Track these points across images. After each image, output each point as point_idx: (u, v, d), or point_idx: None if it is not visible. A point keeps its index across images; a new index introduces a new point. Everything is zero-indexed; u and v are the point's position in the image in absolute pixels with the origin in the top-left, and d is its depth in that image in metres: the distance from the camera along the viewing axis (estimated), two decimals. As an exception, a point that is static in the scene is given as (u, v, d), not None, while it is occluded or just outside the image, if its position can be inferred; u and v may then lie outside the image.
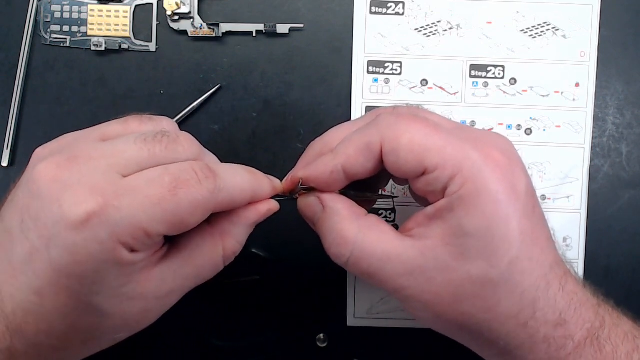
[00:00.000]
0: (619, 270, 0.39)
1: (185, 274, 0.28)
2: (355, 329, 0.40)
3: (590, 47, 0.39)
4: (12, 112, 0.39)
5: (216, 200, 0.27)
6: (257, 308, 0.39)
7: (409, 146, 0.27)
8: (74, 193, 0.24)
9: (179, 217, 0.26)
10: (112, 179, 0.25)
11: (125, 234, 0.24)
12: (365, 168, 0.29)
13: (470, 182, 0.26)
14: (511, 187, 0.27)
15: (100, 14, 0.39)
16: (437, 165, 0.27)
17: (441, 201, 0.27)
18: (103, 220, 0.24)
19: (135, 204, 0.25)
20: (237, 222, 0.29)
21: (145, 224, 0.25)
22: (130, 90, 0.39)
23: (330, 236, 0.29)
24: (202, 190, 0.26)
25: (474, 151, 0.27)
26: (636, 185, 0.39)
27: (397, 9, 0.39)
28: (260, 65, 0.39)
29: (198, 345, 0.39)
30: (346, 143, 0.29)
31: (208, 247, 0.29)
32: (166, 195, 0.25)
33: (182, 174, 0.26)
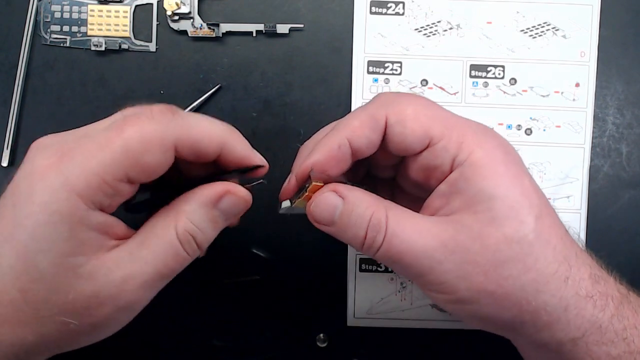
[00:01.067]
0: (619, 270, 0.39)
1: (140, 257, 0.26)
2: (355, 329, 0.40)
3: (590, 47, 0.39)
4: (12, 112, 0.39)
5: (174, 133, 0.26)
6: (257, 308, 0.39)
7: (414, 116, 0.27)
8: (44, 151, 0.26)
9: (132, 156, 0.25)
10: (80, 138, 0.26)
11: (78, 182, 0.24)
12: (370, 141, 0.28)
13: (478, 147, 0.27)
14: (510, 153, 0.28)
15: (100, 14, 0.39)
16: (443, 134, 0.27)
17: (452, 174, 0.27)
18: (57, 170, 0.25)
19: (86, 151, 0.25)
20: (190, 198, 0.28)
21: (96, 168, 0.24)
22: (130, 90, 0.39)
23: (362, 222, 0.28)
24: (153, 124, 0.25)
25: (472, 123, 0.28)
26: (636, 185, 0.39)
27: (397, 9, 0.39)
28: (260, 65, 0.39)
29: (198, 345, 0.39)
30: (349, 117, 0.29)
31: (160, 225, 0.27)
32: (114, 136, 0.25)
33: (133, 115, 0.26)
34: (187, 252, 0.27)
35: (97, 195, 0.25)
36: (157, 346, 0.40)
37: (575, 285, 0.27)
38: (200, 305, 0.39)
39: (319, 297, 0.39)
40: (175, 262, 0.27)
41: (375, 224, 0.27)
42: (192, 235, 0.27)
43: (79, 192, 0.24)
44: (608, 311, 0.27)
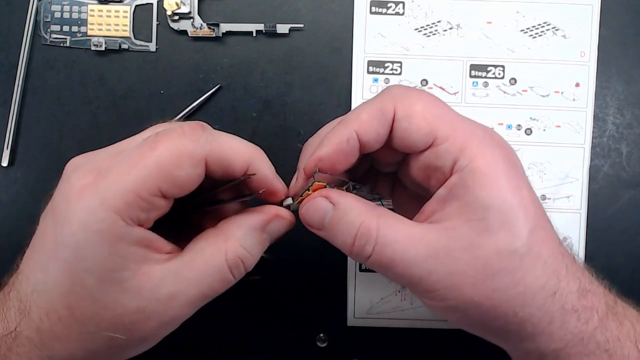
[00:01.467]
0: (619, 270, 0.39)
1: (187, 277, 0.27)
2: (355, 329, 0.40)
3: (590, 47, 0.39)
4: (12, 112, 0.39)
5: (204, 149, 0.26)
6: (257, 308, 0.39)
7: (422, 113, 0.27)
8: (79, 171, 0.26)
9: (165, 171, 0.25)
10: (113, 157, 0.26)
11: (115, 199, 0.25)
12: (378, 134, 0.28)
13: (481, 156, 0.27)
14: (513, 163, 0.28)
15: (100, 14, 0.39)
16: (448, 136, 0.27)
17: (452, 178, 0.27)
18: (93, 189, 0.25)
19: (120, 169, 0.25)
20: (241, 223, 0.28)
21: (131, 184, 0.25)
22: (130, 90, 0.39)
23: (351, 231, 0.28)
24: (184, 139, 0.26)
25: (479, 129, 0.28)
26: (636, 185, 0.39)
27: (397, 9, 0.39)
28: (260, 65, 0.39)
29: (198, 345, 0.39)
30: (358, 110, 0.29)
31: (210, 249, 0.28)
32: (146, 151, 0.25)
33: (165, 132, 0.26)
34: (234, 276, 0.28)
35: (134, 211, 0.25)
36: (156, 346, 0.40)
37: (561, 299, 0.27)
38: (200, 305, 0.39)
39: (319, 297, 0.39)
40: (221, 286, 0.28)
41: (364, 233, 0.27)
42: (242, 260, 0.28)
43: (116, 210, 0.25)
44: (592, 324, 0.27)
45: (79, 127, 0.39)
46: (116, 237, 0.25)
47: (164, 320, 0.27)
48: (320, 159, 0.28)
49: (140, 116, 0.39)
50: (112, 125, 0.39)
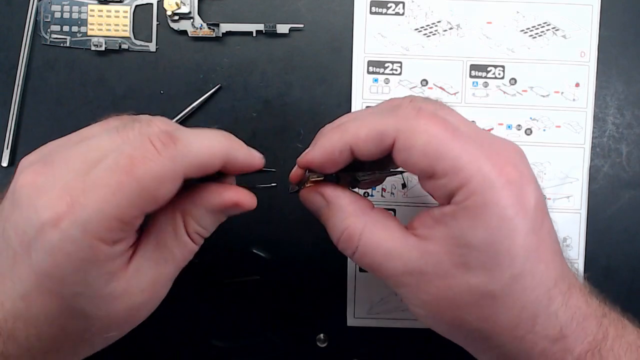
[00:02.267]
0: (619, 270, 0.39)
1: (158, 259, 0.27)
2: (355, 329, 0.40)
3: (590, 47, 0.39)
4: (12, 112, 0.39)
5: (183, 166, 0.26)
6: (257, 308, 0.39)
7: (423, 148, 0.26)
8: (47, 196, 0.24)
9: (146, 195, 0.25)
10: (81, 176, 0.25)
11: (98, 229, 0.24)
12: (371, 153, 0.28)
13: (478, 194, 0.26)
14: (520, 203, 0.26)
15: (100, 14, 0.39)
16: (447, 173, 0.26)
17: (447, 207, 0.27)
18: (72, 220, 0.24)
19: (98, 196, 0.24)
20: (199, 203, 0.28)
21: (114, 212, 0.24)
22: (130, 90, 0.39)
23: (337, 232, 0.29)
24: (162, 160, 0.25)
25: (487, 163, 0.26)
26: (636, 185, 0.39)
27: (397, 9, 0.39)
28: (260, 65, 0.39)
29: (198, 345, 0.39)
30: (359, 124, 0.28)
31: (170, 226, 0.28)
32: (124, 178, 0.24)
33: (137, 151, 0.25)
34: (196, 244, 0.29)
35: (117, 235, 0.25)
36: (157, 346, 0.40)
37: (531, 343, 0.27)
38: (200, 305, 0.39)
39: (319, 297, 0.39)
40: (189, 255, 0.29)
41: (347, 239, 0.28)
42: (200, 234, 0.29)
43: (99, 237, 0.24)
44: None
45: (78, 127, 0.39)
46: (102, 259, 0.25)
47: (150, 304, 0.28)
48: (310, 162, 0.29)
49: (140, 116, 0.39)
50: (112, 125, 0.39)
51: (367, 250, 0.28)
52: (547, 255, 0.27)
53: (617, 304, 0.30)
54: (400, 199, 0.39)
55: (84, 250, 0.24)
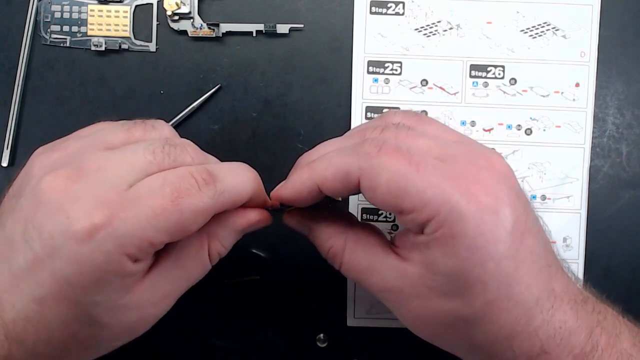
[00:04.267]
0: (619, 270, 0.39)
1: (175, 277, 0.28)
2: (355, 329, 0.40)
3: (590, 47, 0.39)
4: (12, 112, 0.39)
5: (217, 204, 0.27)
6: (257, 308, 0.39)
7: (387, 186, 0.26)
8: (82, 205, 0.24)
9: (182, 225, 0.26)
10: (119, 191, 0.25)
11: (130, 245, 0.25)
12: (339, 192, 0.29)
13: (446, 226, 0.25)
14: (491, 231, 0.26)
15: (100, 14, 0.39)
16: (414, 208, 0.26)
17: (419, 237, 0.27)
18: (109, 232, 0.24)
19: (139, 215, 0.25)
20: (226, 225, 0.29)
21: (149, 234, 0.25)
22: (130, 90, 0.39)
23: (323, 251, 0.31)
24: (203, 197, 0.26)
25: (454, 194, 0.26)
26: (636, 185, 0.39)
27: (397, 9, 0.39)
28: (260, 65, 0.39)
29: (198, 345, 0.39)
30: (325, 163, 0.28)
31: (194, 248, 0.29)
32: (168, 205, 0.25)
33: (182, 183, 0.26)
34: (213, 264, 0.30)
35: (141, 255, 0.26)
36: (156, 346, 0.40)
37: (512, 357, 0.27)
38: (200, 305, 0.39)
39: (319, 297, 0.39)
40: (204, 273, 0.30)
41: (332, 257, 0.30)
42: (220, 254, 0.30)
43: (129, 254, 0.25)
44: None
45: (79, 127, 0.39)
46: (126, 274, 0.26)
47: (157, 316, 0.29)
48: (281, 198, 0.30)
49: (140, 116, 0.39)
50: (112, 125, 0.39)
51: (349, 267, 0.30)
52: (527, 277, 0.27)
53: (617, 304, 0.30)
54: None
55: (112, 264, 0.25)
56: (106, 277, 0.25)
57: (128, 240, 0.25)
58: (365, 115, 0.39)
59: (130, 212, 0.25)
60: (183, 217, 0.26)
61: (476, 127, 0.39)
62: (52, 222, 0.25)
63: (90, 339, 0.27)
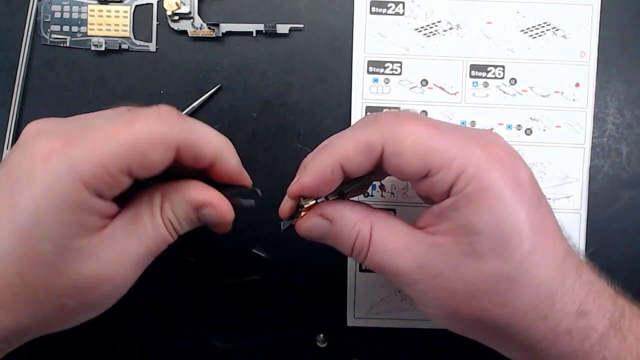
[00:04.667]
0: (619, 270, 0.39)
1: (133, 232, 0.27)
2: (355, 329, 0.40)
3: (590, 47, 0.39)
4: (12, 112, 0.39)
5: (179, 135, 0.26)
6: (257, 308, 0.39)
7: (412, 148, 0.26)
8: (45, 135, 0.26)
9: (138, 150, 0.25)
10: (84, 126, 0.26)
11: (84, 169, 0.25)
12: (362, 167, 0.28)
13: (476, 180, 0.26)
14: (516, 181, 0.27)
15: (100, 14, 0.39)
16: (442, 166, 0.26)
17: (446, 201, 0.27)
18: (62, 155, 0.25)
19: (93, 139, 0.25)
20: (179, 190, 0.28)
21: (103, 158, 0.25)
22: (130, 90, 0.39)
23: (349, 242, 0.29)
24: (161, 123, 0.26)
25: (476, 149, 0.27)
26: (636, 185, 0.39)
27: (397, 9, 0.39)
28: (260, 65, 0.39)
29: (198, 345, 0.39)
30: (345, 139, 0.28)
31: (148, 203, 0.28)
32: (122, 128, 0.25)
33: (141, 112, 0.26)
34: (171, 235, 0.29)
35: (99, 185, 0.25)
36: (157, 346, 0.40)
37: (554, 322, 0.27)
38: (200, 305, 0.39)
39: (319, 297, 0.39)
40: (162, 242, 0.28)
41: (360, 244, 0.28)
42: (172, 223, 0.28)
43: (83, 180, 0.25)
44: (588, 343, 0.27)
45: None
46: (79, 206, 0.25)
47: (116, 282, 0.27)
48: (304, 188, 0.29)
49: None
50: (112, 125, 0.39)
51: (377, 249, 0.28)
52: (552, 231, 0.28)
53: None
54: (400, 199, 0.39)
55: (65, 188, 0.25)
56: (58, 203, 0.25)
57: (80, 164, 0.25)
58: (365, 115, 0.39)
59: (86, 138, 0.25)
60: (138, 139, 0.25)
61: (476, 127, 0.39)
62: (19, 153, 0.26)
63: (41, 286, 0.26)
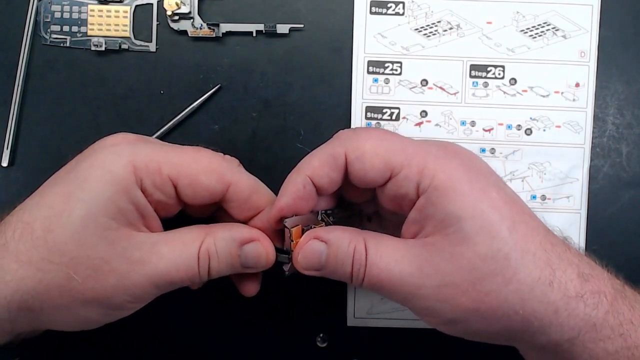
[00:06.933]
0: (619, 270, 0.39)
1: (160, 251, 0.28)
2: (355, 329, 0.40)
3: (590, 47, 0.39)
4: (12, 112, 0.39)
5: (231, 175, 0.29)
6: (257, 308, 0.39)
7: (372, 150, 0.28)
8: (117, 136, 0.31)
9: (194, 169, 0.29)
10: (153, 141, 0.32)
11: (141, 162, 0.27)
12: (330, 179, 0.29)
13: (439, 171, 0.27)
14: (476, 168, 0.28)
15: (100, 14, 0.39)
16: (403, 164, 0.28)
17: (419, 201, 0.28)
18: (128, 145, 0.29)
19: (158, 146, 0.30)
20: (226, 227, 0.30)
21: (161, 159, 0.28)
22: (130, 90, 0.39)
23: (347, 261, 0.29)
24: (221, 160, 0.30)
25: (432, 146, 0.29)
26: (636, 185, 0.39)
27: (397, 9, 0.39)
28: (260, 65, 0.39)
29: (198, 345, 0.39)
30: (309, 157, 0.30)
31: (190, 234, 0.29)
32: (188, 152, 0.30)
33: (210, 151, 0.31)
34: (198, 271, 0.29)
35: (146, 178, 0.28)
36: (156, 346, 0.40)
37: (562, 288, 0.27)
38: (200, 305, 0.39)
39: (319, 297, 0.39)
40: (184, 273, 0.29)
41: (358, 259, 0.29)
42: (210, 258, 0.29)
43: (136, 165, 0.28)
44: (602, 308, 0.27)
45: (79, 127, 0.39)
46: (124, 188, 0.27)
47: (122, 283, 0.28)
48: (282, 209, 0.30)
49: (140, 116, 0.39)
50: (112, 125, 0.39)
51: (375, 261, 0.28)
52: (525, 208, 0.29)
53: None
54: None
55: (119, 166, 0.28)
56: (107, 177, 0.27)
57: (141, 157, 0.28)
58: (365, 115, 0.39)
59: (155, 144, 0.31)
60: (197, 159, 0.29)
61: (476, 127, 0.39)
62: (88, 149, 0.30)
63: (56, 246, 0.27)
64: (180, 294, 0.39)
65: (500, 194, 0.28)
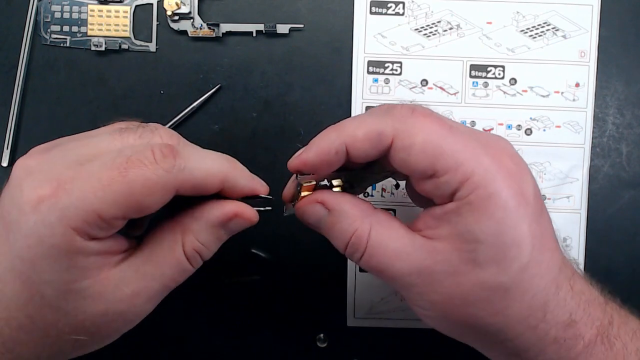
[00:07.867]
0: (619, 270, 0.39)
1: (147, 273, 0.27)
2: (355, 329, 0.40)
3: (590, 47, 0.39)
4: (12, 112, 0.39)
5: (176, 179, 0.25)
6: (257, 308, 0.39)
7: (422, 146, 0.26)
8: (34, 178, 0.25)
9: (133, 198, 0.25)
10: (73, 166, 0.25)
11: (76, 218, 0.24)
12: (367, 154, 0.27)
13: (481, 188, 0.26)
14: (521, 193, 0.26)
15: (100, 14, 0.39)
16: (449, 169, 0.26)
17: (449, 204, 0.27)
18: (52, 204, 0.24)
19: (85, 187, 0.24)
20: (199, 217, 0.28)
21: (96, 207, 0.24)
22: (130, 90, 0.39)
23: (344, 237, 0.28)
24: (156, 169, 0.25)
25: (486, 157, 0.26)
26: (636, 185, 0.39)
27: (397, 9, 0.39)
28: (260, 65, 0.39)
29: (198, 345, 0.39)
30: (356, 123, 0.28)
31: (167, 241, 0.27)
32: (116, 176, 0.24)
33: (136, 155, 0.25)
34: (193, 266, 0.28)
35: (92, 230, 0.25)
36: (157, 346, 0.40)
37: (543, 332, 0.27)
38: (200, 305, 0.39)
39: (319, 297, 0.39)
40: (181, 276, 0.28)
41: (355, 242, 0.28)
42: (199, 252, 0.28)
43: (75, 227, 0.24)
44: (574, 351, 0.27)
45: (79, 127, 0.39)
46: (74, 251, 0.25)
47: (127, 318, 0.27)
48: (305, 163, 0.28)
49: (140, 116, 0.39)
50: (112, 125, 0.39)
51: (374, 252, 0.28)
52: (550, 243, 0.28)
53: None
54: (400, 199, 0.39)
55: (57, 237, 0.24)
56: (53, 252, 0.24)
57: (72, 213, 0.24)
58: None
59: (77, 184, 0.24)
60: (133, 188, 0.24)
61: (476, 127, 0.39)
62: (10, 197, 0.25)
63: (49, 325, 0.26)
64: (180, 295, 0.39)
65: (532, 228, 0.26)
